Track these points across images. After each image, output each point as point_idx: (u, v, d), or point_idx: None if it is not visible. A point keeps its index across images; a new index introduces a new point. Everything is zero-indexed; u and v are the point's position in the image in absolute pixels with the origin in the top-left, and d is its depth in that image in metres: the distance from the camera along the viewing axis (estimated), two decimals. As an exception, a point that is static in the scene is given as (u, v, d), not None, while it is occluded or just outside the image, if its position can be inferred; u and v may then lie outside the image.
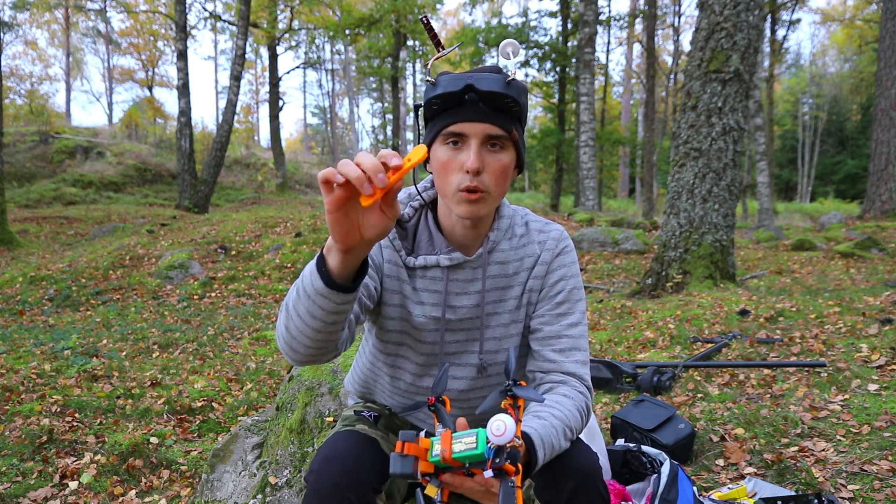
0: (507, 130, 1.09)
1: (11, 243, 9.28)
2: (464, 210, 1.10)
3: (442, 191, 1.14)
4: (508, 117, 1.09)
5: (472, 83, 1.04)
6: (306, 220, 9.29)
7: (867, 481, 1.92)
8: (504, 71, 1.09)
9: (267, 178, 22.00)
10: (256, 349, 4.48)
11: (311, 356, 1.01)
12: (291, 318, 0.97)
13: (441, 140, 1.11)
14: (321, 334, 0.96)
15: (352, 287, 0.92)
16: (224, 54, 37.88)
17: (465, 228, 1.19)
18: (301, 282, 0.95)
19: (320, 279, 0.90)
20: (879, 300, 4.02)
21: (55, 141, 19.34)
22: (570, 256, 1.28)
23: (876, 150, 11.26)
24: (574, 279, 1.27)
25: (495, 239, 1.22)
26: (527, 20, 19.36)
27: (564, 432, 1.08)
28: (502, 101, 1.06)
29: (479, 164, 1.07)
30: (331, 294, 0.90)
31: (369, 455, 1.14)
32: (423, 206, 1.24)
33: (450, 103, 1.07)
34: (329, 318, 0.93)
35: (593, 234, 8.94)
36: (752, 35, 5.22)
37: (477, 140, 1.08)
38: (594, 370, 3.17)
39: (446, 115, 1.09)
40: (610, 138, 20.71)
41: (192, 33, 27.82)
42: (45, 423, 2.77)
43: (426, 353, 1.25)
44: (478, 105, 1.06)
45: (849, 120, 34.21)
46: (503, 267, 1.23)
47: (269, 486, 1.70)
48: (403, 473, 0.83)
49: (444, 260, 1.20)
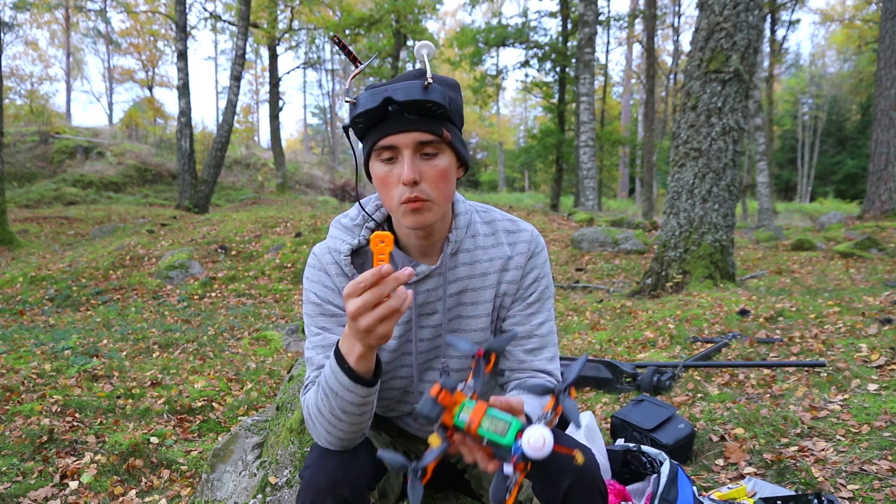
0: (437, 134, 1.07)
1: (12, 243, 9.28)
2: (409, 221, 1.09)
3: (387, 206, 1.13)
4: (436, 121, 1.07)
5: (389, 95, 1.02)
6: (306, 220, 9.29)
7: (867, 481, 1.92)
8: (425, 75, 1.06)
9: (267, 178, 22.02)
10: (256, 349, 4.49)
11: (352, 441, 1.12)
12: (326, 421, 1.08)
13: (375, 156, 1.10)
14: (353, 426, 1.08)
15: (374, 381, 1.03)
16: (224, 54, 37.92)
17: (420, 238, 1.17)
18: (326, 383, 1.05)
19: (345, 375, 1.01)
20: (879, 300, 4.02)
21: (55, 141, 19.35)
22: (542, 256, 1.26)
23: (876, 150, 11.27)
24: (546, 278, 1.26)
25: (457, 238, 1.20)
26: (527, 20, 19.35)
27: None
28: (424, 106, 1.03)
29: (413, 175, 1.05)
30: (356, 388, 1.01)
31: (363, 452, 1.15)
32: (378, 227, 1.23)
33: (374, 118, 1.06)
34: (358, 409, 1.05)
35: (593, 234, 8.94)
36: (752, 35, 5.22)
37: (409, 150, 1.06)
38: (594, 370, 3.18)
39: (374, 131, 1.07)
40: (610, 138, 20.71)
41: (192, 33, 27.86)
42: (45, 423, 2.77)
43: (403, 364, 1.25)
44: (402, 115, 1.05)
45: (848, 120, 34.23)
46: (471, 268, 1.22)
47: (269, 486, 1.70)
48: (428, 416, 0.84)
49: None
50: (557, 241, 9.46)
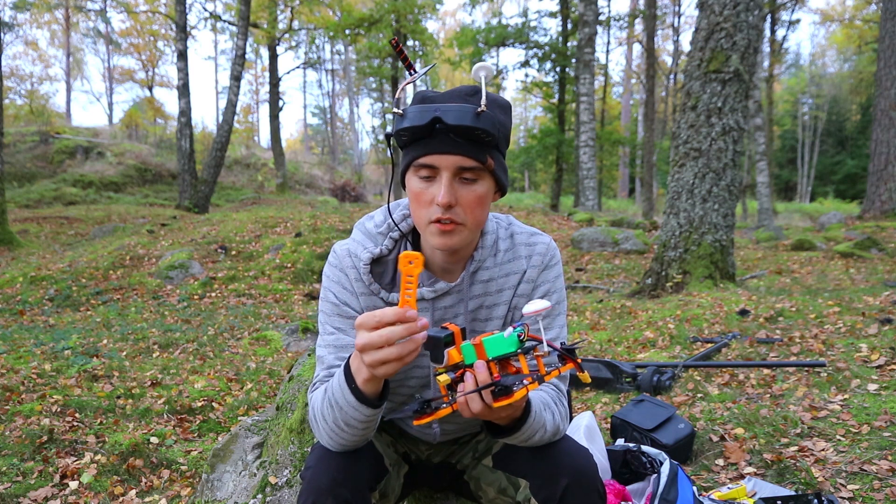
0: (481, 161, 1.03)
1: (12, 243, 9.29)
2: (437, 242, 1.07)
3: (416, 221, 1.11)
4: (482, 147, 1.03)
5: (439, 115, 0.99)
6: (306, 220, 9.29)
7: (867, 481, 1.92)
8: (479, 95, 1.03)
9: (267, 178, 22.02)
10: (256, 349, 4.49)
11: (355, 446, 1.13)
12: (329, 428, 1.08)
13: (413, 171, 1.07)
14: (356, 436, 1.08)
15: (380, 403, 1.03)
16: (224, 54, 37.91)
17: (444, 256, 1.16)
18: (332, 395, 1.05)
19: (352, 394, 1.01)
20: (879, 300, 4.02)
21: (55, 141, 19.35)
22: (556, 270, 1.23)
23: (875, 150, 11.27)
24: (558, 293, 1.23)
25: (480, 258, 1.18)
26: (527, 20, 19.35)
27: (553, 415, 1.12)
28: (473, 133, 1.00)
29: (449, 199, 1.03)
30: (361, 408, 1.02)
31: (364, 453, 1.15)
32: (403, 237, 1.20)
33: (420, 134, 1.02)
34: (361, 425, 1.05)
35: (593, 234, 8.94)
36: (752, 35, 5.22)
37: (448, 172, 1.03)
38: (594, 370, 3.18)
39: (417, 146, 1.04)
40: (610, 138, 20.71)
41: (192, 33, 27.84)
42: (45, 423, 2.77)
43: (413, 375, 1.25)
44: (448, 136, 1.01)
45: (848, 120, 34.23)
46: (486, 285, 1.20)
47: (269, 486, 1.70)
48: (436, 336, 0.92)
49: (429, 293, 1.17)
50: (557, 241, 9.46)
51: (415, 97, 1.08)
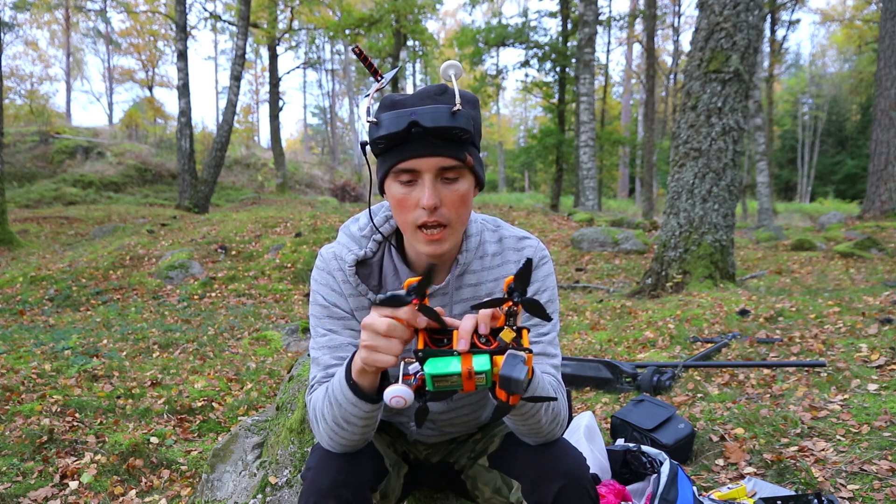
0: (461, 159, 1.04)
1: (12, 243, 9.28)
2: (428, 250, 1.08)
3: (402, 226, 1.11)
4: (460, 146, 1.04)
5: (416, 119, 0.99)
6: (306, 220, 9.29)
7: (867, 481, 1.92)
8: (448, 93, 1.03)
9: (267, 178, 22.02)
10: (256, 349, 4.49)
11: (355, 447, 1.13)
12: (329, 427, 1.08)
13: (393, 177, 1.07)
14: (356, 436, 1.08)
15: (378, 399, 1.03)
16: (224, 54, 37.89)
17: (430, 258, 1.16)
18: (332, 392, 1.06)
19: (350, 390, 1.01)
20: (879, 300, 4.02)
21: (55, 141, 19.35)
22: (546, 269, 1.23)
23: (876, 150, 11.27)
24: (549, 291, 1.22)
25: (465, 261, 1.18)
26: (527, 20, 19.34)
27: (554, 391, 1.10)
28: (451, 132, 1.01)
29: (435, 201, 1.03)
30: (360, 403, 1.02)
31: (365, 453, 1.15)
32: (385, 240, 1.21)
33: (397, 140, 1.02)
34: (361, 422, 1.05)
35: (593, 234, 8.94)
36: (752, 35, 5.22)
37: (430, 174, 1.03)
38: (594, 370, 3.18)
39: (394, 152, 1.04)
40: (610, 138, 20.70)
41: (192, 33, 27.84)
42: (45, 423, 2.77)
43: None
44: (426, 139, 1.01)
45: (848, 120, 34.23)
46: (475, 289, 1.20)
47: (269, 486, 1.70)
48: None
49: None
50: (557, 241, 9.46)
51: (382, 103, 1.08)
